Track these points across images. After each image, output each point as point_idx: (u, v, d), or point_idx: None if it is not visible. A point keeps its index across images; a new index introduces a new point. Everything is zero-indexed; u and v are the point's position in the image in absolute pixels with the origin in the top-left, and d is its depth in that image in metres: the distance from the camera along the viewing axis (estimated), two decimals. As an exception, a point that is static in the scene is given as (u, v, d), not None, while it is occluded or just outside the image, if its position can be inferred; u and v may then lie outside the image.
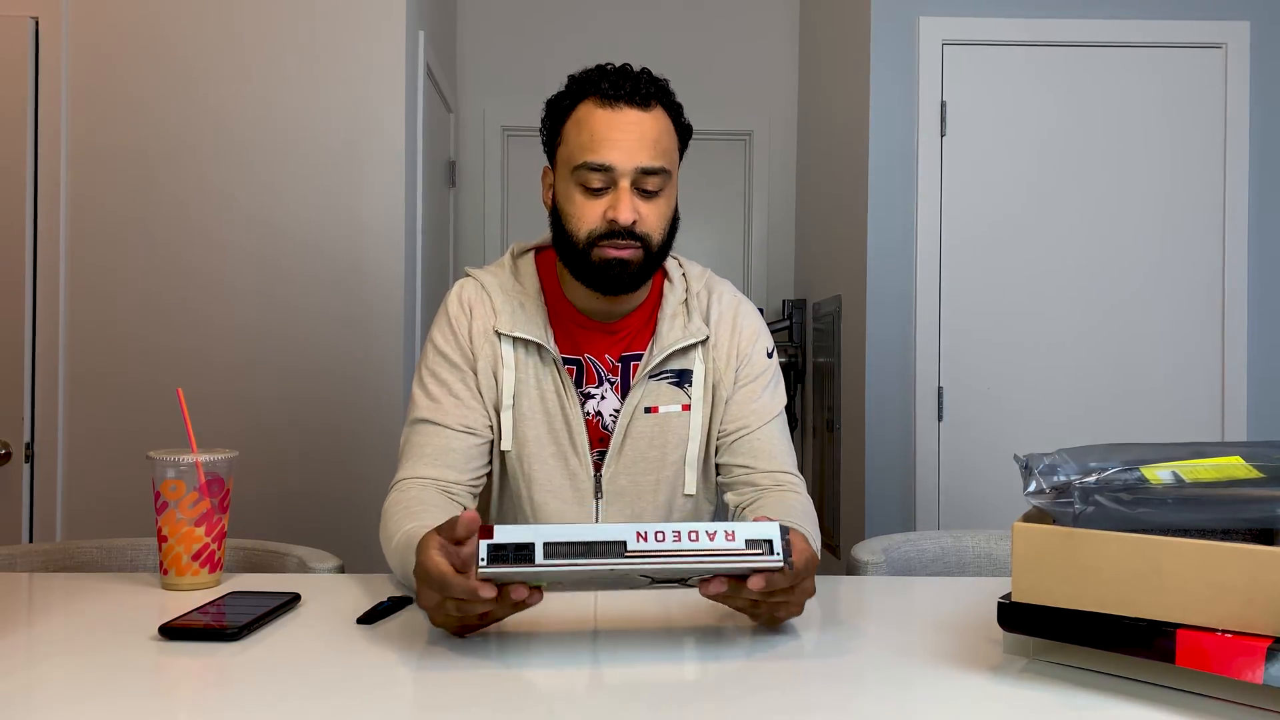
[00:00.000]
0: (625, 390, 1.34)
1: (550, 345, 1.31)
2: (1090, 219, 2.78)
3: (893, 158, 2.80)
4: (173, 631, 0.96)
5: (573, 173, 1.25)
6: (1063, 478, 0.85)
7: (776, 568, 0.88)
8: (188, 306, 2.39)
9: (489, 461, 1.34)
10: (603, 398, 1.34)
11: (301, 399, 2.41)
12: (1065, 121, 2.78)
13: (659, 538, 0.86)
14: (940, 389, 2.78)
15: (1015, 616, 0.86)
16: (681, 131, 1.31)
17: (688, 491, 1.35)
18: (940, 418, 2.78)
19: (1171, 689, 0.81)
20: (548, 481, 1.32)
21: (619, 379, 1.34)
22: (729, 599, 0.94)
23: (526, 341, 1.32)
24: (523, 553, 0.85)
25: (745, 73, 3.75)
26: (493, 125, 3.67)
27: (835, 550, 3.10)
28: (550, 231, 1.34)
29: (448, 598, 0.90)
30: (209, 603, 1.06)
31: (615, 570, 0.86)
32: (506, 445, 1.32)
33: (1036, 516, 0.88)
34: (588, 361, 1.34)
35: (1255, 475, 0.84)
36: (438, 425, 1.30)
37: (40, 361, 2.36)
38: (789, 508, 1.26)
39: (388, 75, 2.43)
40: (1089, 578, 0.82)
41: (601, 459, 1.33)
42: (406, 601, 1.08)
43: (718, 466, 1.38)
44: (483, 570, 0.85)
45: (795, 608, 0.98)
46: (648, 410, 1.33)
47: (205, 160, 2.40)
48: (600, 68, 1.28)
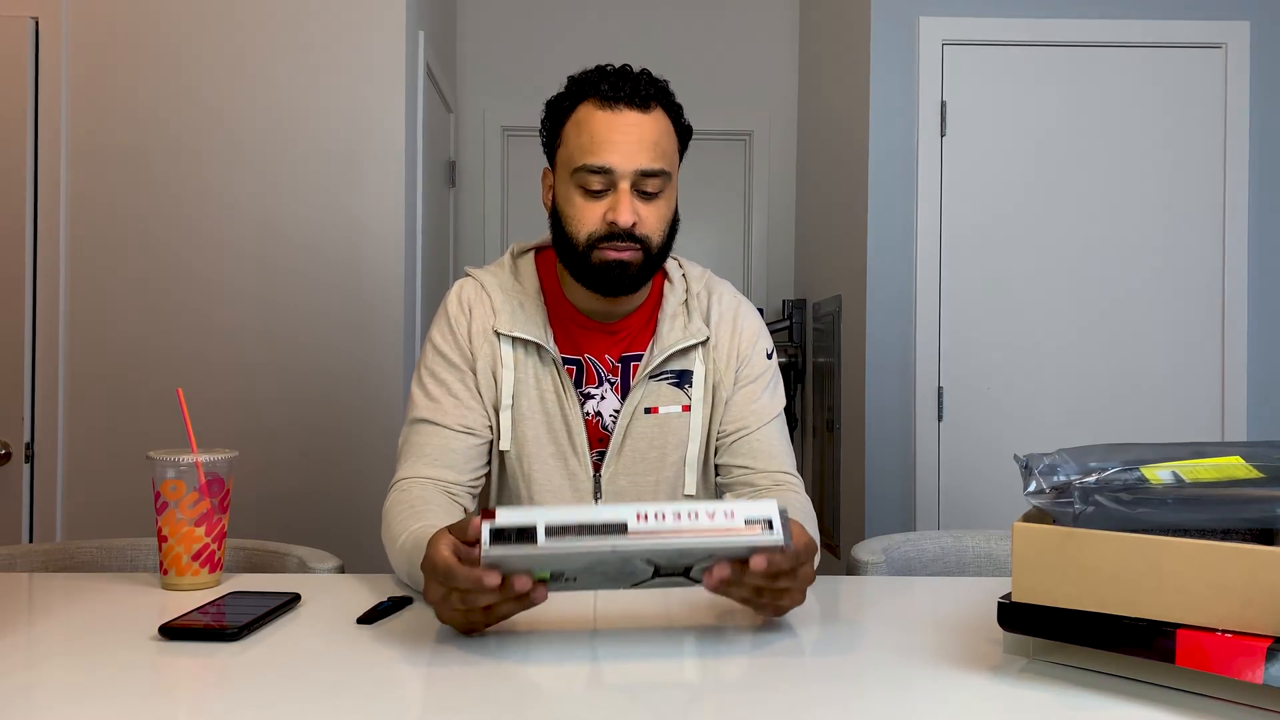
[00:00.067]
0: (625, 391, 1.34)
1: (550, 345, 1.31)
2: (1090, 219, 2.78)
3: (893, 158, 2.80)
4: (173, 631, 0.96)
5: (572, 175, 1.25)
6: (1063, 478, 0.85)
7: (777, 544, 0.89)
8: (188, 307, 2.39)
9: (488, 462, 1.35)
10: (602, 398, 1.34)
11: (301, 399, 2.41)
12: (1065, 121, 2.78)
13: (659, 518, 0.88)
14: (940, 389, 2.78)
15: (1015, 616, 0.86)
16: (681, 132, 1.31)
17: (687, 492, 1.35)
18: (940, 418, 2.78)
19: (1171, 689, 0.81)
20: (547, 482, 1.32)
21: (619, 379, 1.34)
22: (733, 589, 0.94)
23: (526, 341, 1.32)
24: (524, 535, 0.86)
25: (745, 73, 3.75)
26: (493, 125, 3.67)
27: (835, 550, 3.10)
28: (550, 233, 1.34)
29: (453, 589, 0.91)
30: (209, 603, 1.06)
31: (618, 551, 0.87)
32: (506, 445, 1.32)
33: (1036, 516, 0.88)
34: (588, 362, 1.34)
35: (1255, 475, 0.84)
36: (437, 425, 1.30)
37: (40, 361, 2.36)
38: (788, 506, 1.26)
39: (388, 75, 2.43)
40: (1089, 578, 0.82)
41: (601, 459, 1.33)
42: (407, 601, 1.08)
43: (717, 467, 1.38)
44: (486, 552, 0.85)
45: (798, 595, 0.97)
46: (648, 411, 1.33)
47: (205, 160, 2.40)
48: (600, 69, 1.28)
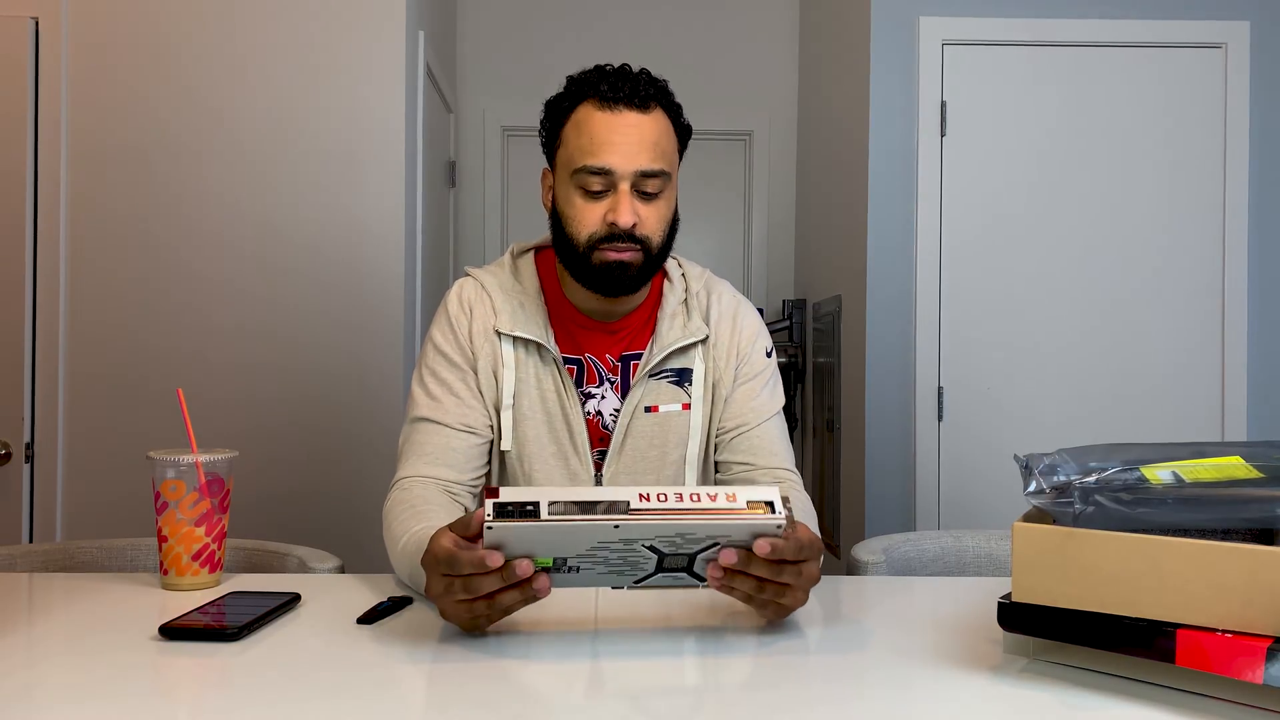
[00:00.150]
0: (625, 390, 1.34)
1: (551, 345, 1.31)
2: (1090, 219, 2.78)
3: (893, 158, 2.80)
4: (173, 631, 0.96)
5: (572, 176, 1.25)
6: (1063, 478, 0.85)
7: (777, 524, 0.89)
8: (188, 306, 2.39)
9: (488, 461, 1.35)
10: (603, 397, 1.34)
11: (301, 399, 2.41)
12: (1065, 121, 2.78)
13: (661, 499, 0.88)
14: (940, 389, 2.78)
15: (1015, 616, 0.86)
16: (681, 132, 1.31)
17: (688, 491, 1.35)
18: (940, 418, 2.78)
19: (1171, 689, 0.81)
20: (548, 481, 1.32)
21: (619, 378, 1.34)
22: (736, 582, 0.93)
23: (526, 341, 1.32)
24: (528, 511, 0.86)
25: (745, 73, 3.75)
26: (493, 125, 3.67)
27: (835, 550, 3.10)
28: (550, 233, 1.34)
29: (456, 576, 0.90)
30: (209, 603, 1.06)
31: (620, 529, 0.87)
32: (506, 445, 1.32)
33: (1036, 516, 0.88)
34: (588, 361, 1.34)
35: (1255, 475, 0.84)
36: (438, 424, 1.30)
37: (40, 361, 2.36)
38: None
39: (388, 75, 2.43)
40: (1089, 578, 0.82)
41: (602, 458, 1.33)
42: (407, 601, 1.08)
43: (717, 464, 1.38)
44: (489, 526, 0.85)
45: (800, 594, 0.96)
46: (648, 409, 1.33)
47: (205, 160, 2.40)
48: (599, 69, 1.28)
